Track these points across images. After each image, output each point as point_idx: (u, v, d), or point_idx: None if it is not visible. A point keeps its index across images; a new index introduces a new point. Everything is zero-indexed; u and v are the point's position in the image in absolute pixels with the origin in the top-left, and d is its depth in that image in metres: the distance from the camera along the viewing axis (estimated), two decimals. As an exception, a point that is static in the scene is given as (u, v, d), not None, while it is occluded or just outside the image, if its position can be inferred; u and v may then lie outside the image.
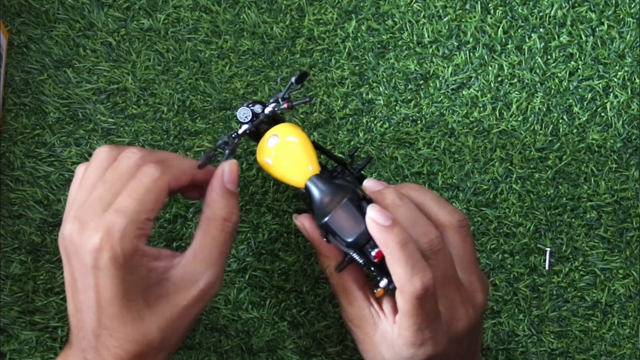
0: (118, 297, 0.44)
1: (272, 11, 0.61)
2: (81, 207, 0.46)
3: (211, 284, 0.47)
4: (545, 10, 0.61)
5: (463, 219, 0.49)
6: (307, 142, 0.50)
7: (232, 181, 0.49)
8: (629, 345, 0.60)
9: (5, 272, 0.58)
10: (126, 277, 0.44)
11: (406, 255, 0.44)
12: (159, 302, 0.46)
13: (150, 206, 0.45)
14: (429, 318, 0.45)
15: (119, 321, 0.44)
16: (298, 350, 0.59)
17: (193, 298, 0.46)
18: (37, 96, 0.60)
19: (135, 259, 0.44)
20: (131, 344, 0.45)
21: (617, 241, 0.60)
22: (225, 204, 0.48)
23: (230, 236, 0.48)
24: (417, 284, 0.44)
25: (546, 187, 0.61)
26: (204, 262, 0.47)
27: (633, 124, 0.61)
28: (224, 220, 0.48)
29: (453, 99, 0.61)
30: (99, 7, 0.60)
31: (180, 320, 0.46)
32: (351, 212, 0.46)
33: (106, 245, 0.43)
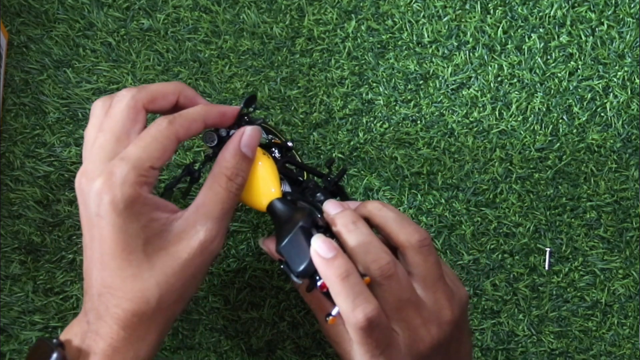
0: (119, 248, 0.44)
1: (271, 11, 0.61)
2: (87, 159, 0.46)
3: (212, 237, 0.47)
4: (545, 10, 0.61)
5: (424, 238, 0.48)
6: (269, 164, 0.49)
7: (249, 145, 0.48)
8: (629, 345, 0.60)
9: (5, 272, 0.58)
10: (126, 225, 0.44)
11: (347, 288, 0.44)
12: (158, 254, 0.45)
13: (157, 154, 0.45)
14: (380, 345, 0.45)
15: (119, 277, 0.44)
16: (298, 350, 0.59)
17: (193, 250, 0.46)
18: (37, 96, 0.60)
19: (136, 206, 0.44)
20: (129, 302, 0.44)
21: (617, 241, 0.60)
22: (234, 164, 0.48)
23: (234, 196, 0.48)
24: (359, 315, 0.43)
25: (546, 187, 0.61)
26: (206, 215, 0.47)
27: (633, 124, 0.61)
28: (228, 180, 0.48)
29: (453, 99, 0.61)
30: (99, 7, 0.60)
31: (180, 275, 0.46)
32: (300, 241, 0.45)
33: (107, 189, 0.43)
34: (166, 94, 0.49)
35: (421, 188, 0.61)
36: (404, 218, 0.49)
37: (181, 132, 0.47)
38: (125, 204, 0.44)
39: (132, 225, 0.44)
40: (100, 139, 0.46)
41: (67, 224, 0.59)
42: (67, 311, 0.58)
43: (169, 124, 0.46)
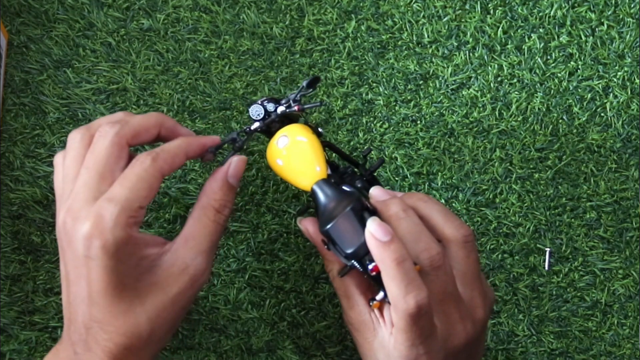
0: (109, 287, 0.44)
1: (271, 11, 0.61)
2: (70, 197, 0.45)
3: (201, 270, 0.47)
4: (545, 11, 0.61)
5: (469, 234, 0.48)
6: (317, 142, 0.49)
7: (235, 175, 0.49)
8: (629, 345, 0.60)
9: (5, 272, 0.58)
10: (117, 267, 0.44)
11: (401, 273, 0.44)
12: (149, 290, 0.45)
13: (144, 193, 0.45)
14: (422, 335, 0.45)
15: (110, 313, 0.44)
16: (297, 350, 0.59)
17: (183, 285, 0.46)
18: (36, 96, 0.60)
19: (128, 247, 0.44)
20: (121, 337, 0.45)
21: (617, 241, 0.60)
22: (222, 196, 0.48)
23: (221, 228, 0.49)
24: (411, 302, 0.43)
25: (546, 187, 0.61)
26: (195, 248, 0.47)
27: (633, 124, 0.61)
28: (216, 212, 0.48)
29: (453, 99, 0.61)
30: (99, 7, 0.60)
31: (171, 308, 0.46)
32: (352, 222, 0.45)
33: (97, 233, 0.43)
34: (148, 127, 0.49)
35: (421, 188, 0.61)
36: (449, 212, 0.49)
37: (165, 168, 0.47)
38: (117, 246, 0.43)
39: (123, 266, 0.44)
40: (84, 176, 0.46)
41: (67, 224, 0.59)
42: (67, 311, 0.58)
43: (153, 161, 0.46)
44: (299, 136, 0.49)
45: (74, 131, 0.48)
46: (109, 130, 0.47)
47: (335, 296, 0.59)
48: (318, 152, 0.49)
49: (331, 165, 0.51)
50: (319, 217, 0.48)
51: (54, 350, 0.47)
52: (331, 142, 0.53)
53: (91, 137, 0.47)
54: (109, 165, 0.46)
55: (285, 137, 0.49)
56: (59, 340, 0.48)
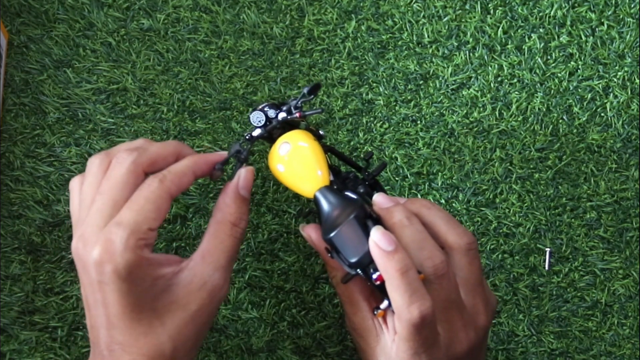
0: (127, 310, 0.44)
1: (272, 11, 0.61)
2: (84, 223, 0.46)
3: (219, 286, 0.47)
4: (545, 11, 0.61)
5: (472, 242, 0.48)
6: (318, 149, 0.49)
7: (246, 187, 0.49)
8: (629, 345, 0.60)
9: (5, 272, 0.58)
10: (132, 289, 0.44)
11: (405, 283, 0.43)
12: (168, 309, 0.45)
13: (152, 215, 0.45)
14: (425, 344, 0.45)
15: (130, 335, 0.44)
16: (298, 350, 0.59)
17: (202, 301, 0.46)
18: (37, 96, 0.60)
19: (140, 269, 0.44)
20: (144, 357, 0.45)
21: (617, 241, 0.60)
22: (236, 210, 0.48)
23: (238, 241, 0.48)
24: (415, 312, 0.43)
25: (546, 187, 0.61)
26: (212, 264, 0.47)
27: (633, 124, 0.61)
28: (233, 225, 0.48)
29: (453, 99, 0.61)
30: (99, 7, 0.60)
31: (192, 325, 0.46)
32: (356, 231, 0.45)
33: (108, 258, 0.43)
34: (166, 156, 0.49)
35: (421, 188, 0.61)
36: (453, 219, 0.49)
37: (173, 189, 0.47)
38: (129, 270, 0.43)
39: (137, 288, 0.44)
40: (98, 203, 0.45)
41: (67, 224, 0.58)
42: (67, 311, 0.58)
43: (160, 183, 0.46)
44: (301, 142, 0.49)
45: (93, 156, 0.48)
46: (127, 157, 0.47)
47: (335, 296, 0.59)
48: (320, 158, 0.49)
49: (333, 169, 0.51)
50: (321, 224, 0.47)
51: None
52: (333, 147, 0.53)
53: (109, 163, 0.47)
54: (124, 192, 0.46)
55: (287, 144, 0.49)
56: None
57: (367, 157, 0.52)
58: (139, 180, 0.46)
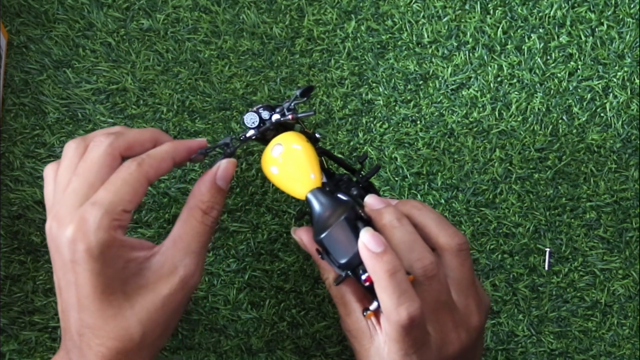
0: (97, 291, 0.44)
1: (271, 11, 0.61)
2: (58, 203, 0.46)
3: (191, 272, 0.47)
4: (544, 11, 0.61)
5: (463, 242, 0.48)
6: (311, 150, 0.49)
7: (224, 178, 0.49)
8: (629, 345, 0.60)
9: (5, 272, 0.58)
10: (103, 270, 0.44)
11: (393, 284, 0.43)
12: (139, 293, 0.45)
13: (128, 197, 0.45)
14: (415, 345, 0.45)
15: (100, 318, 0.44)
16: (297, 350, 0.59)
17: (174, 286, 0.46)
18: (36, 96, 0.60)
19: (112, 250, 0.44)
20: (113, 341, 0.45)
21: (617, 241, 0.60)
22: (209, 198, 0.48)
23: (210, 229, 0.48)
24: (403, 314, 0.43)
25: (546, 188, 0.61)
26: (184, 250, 0.47)
27: (632, 124, 0.61)
28: (204, 213, 0.48)
29: (452, 99, 0.61)
30: (99, 7, 0.60)
31: (162, 311, 0.46)
32: (346, 232, 0.45)
33: (80, 236, 0.43)
34: (143, 141, 0.49)
35: (421, 188, 0.61)
36: (444, 220, 0.49)
37: (151, 173, 0.47)
38: (101, 249, 0.43)
39: (109, 269, 0.44)
40: (74, 184, 0.46)
41: (66, 224, 0.59)
42: (67, 311, 0.58)
43: (138, 166, 0.46)
44: (294, 144, 0.49)
45: (70, 141, 0.48)
46: (104, 140, 0.47)
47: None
48: (312, 160, 0.49)
49: (326, 172, 0.51)
50: (313, 226, 0.47)
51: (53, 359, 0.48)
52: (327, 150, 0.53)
53: (86, 147, 0.48)
54: (100, 174, 0.46)
55: (279, 146, 0.49)
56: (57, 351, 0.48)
57: (361, 160, 0.52)
58: (115, 163, 0.47)
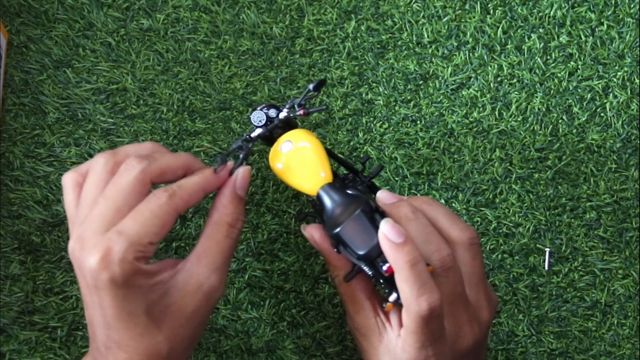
0: (123, 315, 0.44)
1: (271, 11, 0.61)
2: (83, 224, 0.45)
3: (215, 287, 0.47)
4: (544, 11, 0.61)
5: (474, 237, 0.48)
6: (320, 148, 0.49)
7: (243, 187, 0.49)
8: (629, 345, 0.60)
9: (5, 272, 0.58)
10: (128, 296, 0.44)
11: (415, 275, 0.43)
12: (165, 312, 0.45)
13: (155, 230, 0.44)
14: (433, 337, 0.45)
15: (127, 335, 0.44)
16: (297, 350, 0.59)
17: (198, 302, 0.46)
18: (36, 96, 0.60)
19: (137, 278, 0.44)
20: (140, 356, 0.45)
21: (617, 241, 0.60)
22: (233, 210, 0.48)
23: (234, 242, 0.48)
24: (424, 304, 0.43)
25: (546, 188, 0.61)
26: (208, 266, 0.47)
27: (633, 124, 0.61)
28: (229, 227, 0.48)
29: (452, 99, 0.61)
30: (99, 7, 0.60)
31: (188, 326, 0.46)
32: (364, 224, 0.45)
33: (104, 267, 0.43)
34: (176, 169, 0.48)
35: (421, 188, 0.61)
36: (454, 215, 0.49)
37: (181, 205, 0.46)
38: (124, 279, 0.43)
39: (133, 296, 0.44)
40: (101, 207, 0.45)
41: (67, 224, 0.58)
42: (67, 311, 0.58)
43: (169, 198, 0.45)
44: (303, 141, 0.49)
45: (99, 155, 0.47)
46: (136, 165, 0.46)
47: (335, 296, 0.59)
48: (322, 156, 0.49)
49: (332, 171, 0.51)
50: (325, 222, 0.47)
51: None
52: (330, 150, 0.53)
53: (115, 165, 0.47)
54: (128, 200, 0.45)
55: (289, 143, 0.49)
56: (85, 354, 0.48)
57: (363, 161, 0.52)
58: (145, 190, 0.46)
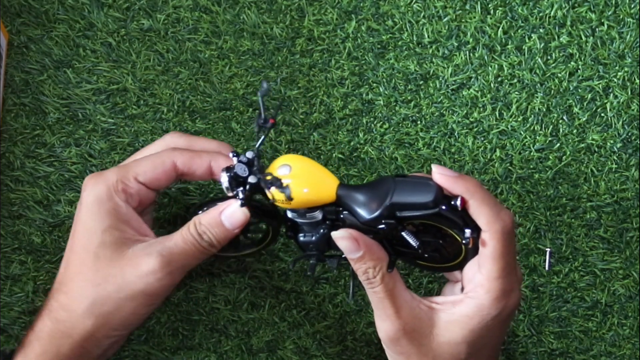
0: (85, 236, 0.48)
1: (272, 11, 0.61)
2: None
3: (161, 269, 0.48)
4: (545, 11, 0.61)
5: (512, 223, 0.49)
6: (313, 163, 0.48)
7: (234, 225, 0.49)
8: (629, 345, 0.60)
9: (5, 272, 0.58)
10: (89, 222, 0.48)
11: (487, 194, 0.45)
12: (107, 262, 0.48)
13: (143, 169, 0.49)
14: (513, 259, 0.45)
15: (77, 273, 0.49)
16: (298, 350, 0.59)
17: (140, 273, 0.48)
18: (37, 96, 0.60)
19: (103, 205, 0.48)
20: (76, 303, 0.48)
21: (617, 241, 0.60)
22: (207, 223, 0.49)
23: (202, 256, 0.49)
24: (506, 218, 0.44)
25: (546, 188, 0.61)
26: (161, 254, 0.48)
27: (633, 124, 0.61)
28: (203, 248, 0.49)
29: (453, 99, 0.61)
30: (99, 7, 0.60)
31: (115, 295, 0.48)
32: (410, 182, 0.46)
33: (89, 183, 0.49)
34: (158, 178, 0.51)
35: (421, 188, 0.61)
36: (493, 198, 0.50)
37: (179, 160, 0.50)
38: (95, 198, 0.48)
39: (93, 224, 0.48)
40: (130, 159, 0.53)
41: (67, 224, 0.59)
42: (67, 311, 0.58)
43: (172, 150, 0.50)
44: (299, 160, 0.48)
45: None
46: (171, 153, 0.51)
47: (335, 296, 0.59)
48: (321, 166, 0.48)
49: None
50: (362, 209, 0.46)
51: None
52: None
53: None
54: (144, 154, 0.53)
55: (286, 166, 0.47)
56: None
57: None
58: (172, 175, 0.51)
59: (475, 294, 0.46)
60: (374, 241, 0.47)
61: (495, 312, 0.45)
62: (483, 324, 0.46)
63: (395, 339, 0.47)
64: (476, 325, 0.46)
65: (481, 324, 0.45)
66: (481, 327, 0.46)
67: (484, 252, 0.45)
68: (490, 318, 0.45)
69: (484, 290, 0.45)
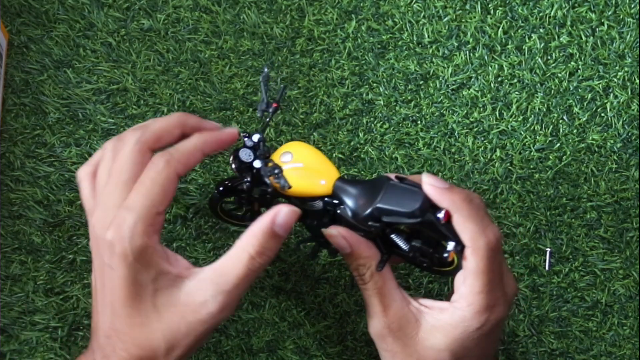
0: (129, 297, 0.44)
1: (272, 11, 0.61)
2: (98, 205, 0.46)
3: (220, 309, 0.46)
4: (545, 11, 0.61)
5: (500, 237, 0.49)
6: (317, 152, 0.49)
7: (283, 226, 0.46)
8: (629, 345, 0.60)
9: (5, 272, 0.58)
10: (136, 277, 0.44)
11: (474, 210, 0.44)
12: (167, 310, 0.45)
13: (159, 198, 0.45)
14: (498, 275, 0.45)
15: (127, 324, 0.45)
16: (298, 350, 0.59)
17: (201, 318, 0.45)
18: (37, 96, 0.60)
19: (146, 256, 0.44)
20: (136, 348, 0.45)
21: (617, 241, 0.60)
22: (260, 243, 0.46)
23: (254, 273, 0.46)
24: (490, 235, 0.44)
25: (546, 188, 0.61)
26: (220, 287, 0.46)
27: (633, 124, 0.61)
28: (251, 257, 0.46)
29: (453, 99, 0.61)
30: (99, 7, 0.60)
31: (185, 335, 0.45)
32: (401, 188, 0.46)
33: (117, 241, 0.44)
34: (170, 129, 0.48)
35: (421, 188, 0.61)
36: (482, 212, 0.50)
37: (180, 168, 0.46)
38: (135, 255, 0.44)
39: (141, 277, 0.44)
40: (109, 186, 0.46)
41: (67, 224, 0.58)
42: (68, 311, 0.58)
43: (167, 163, 0.46)
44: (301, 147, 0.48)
45: (107, 142, 0.48)
46: (130, 137, 0.47)
47: (336, 296, 0.59)
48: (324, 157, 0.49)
49: None
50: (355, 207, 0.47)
51: (79, 358, 0.48)
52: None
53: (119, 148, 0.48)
54: (131, 172, 0.46)
55: (288, 154, 0.48)
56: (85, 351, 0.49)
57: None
58: (145, 159, 0.46)
59: (459, 304, 0.46)
60: (364, 240, 0.48)
61: (477, 325, 0.46)
62: (465, 335, 0.46)
63: (381, 335, 0.48)
64: (459, 335, 0.46)
65: (463, 334, 0.46)
66: (463, 338, 0.46)
67: (467, 267, 0.45)
68: (472, 330, 0.46)
69: (466, 303, 0.46)
